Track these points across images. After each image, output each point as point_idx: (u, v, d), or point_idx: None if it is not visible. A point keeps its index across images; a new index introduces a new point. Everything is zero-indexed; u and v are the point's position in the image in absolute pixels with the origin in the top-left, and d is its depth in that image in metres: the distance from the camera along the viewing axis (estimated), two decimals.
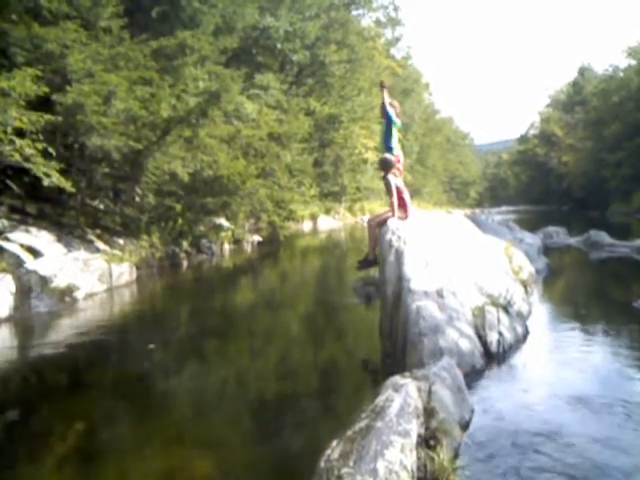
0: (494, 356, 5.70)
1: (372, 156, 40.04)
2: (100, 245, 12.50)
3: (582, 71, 76.64)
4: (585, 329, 7.07)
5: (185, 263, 14.87)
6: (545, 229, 18.48)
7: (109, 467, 3.94)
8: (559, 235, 17.92)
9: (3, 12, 11.47)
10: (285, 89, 28.10)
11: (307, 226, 30.64)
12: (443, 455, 3.31)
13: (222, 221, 18.69)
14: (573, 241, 17.19)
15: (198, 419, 4.79)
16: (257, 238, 20.62)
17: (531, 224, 24.03)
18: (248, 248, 19.38)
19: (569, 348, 6.13)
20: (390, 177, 7.45)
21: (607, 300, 9.42)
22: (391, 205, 7.42)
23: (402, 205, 7.48)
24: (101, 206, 15.16)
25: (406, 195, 7.56)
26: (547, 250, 14.49)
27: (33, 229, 11.04)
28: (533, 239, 14.29)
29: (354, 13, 41.29)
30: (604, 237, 16.11)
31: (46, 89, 10.19)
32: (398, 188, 7.45)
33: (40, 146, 9.90)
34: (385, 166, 7.56)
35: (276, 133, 20.80)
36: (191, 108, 14.17)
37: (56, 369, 6.19)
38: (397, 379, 3.97)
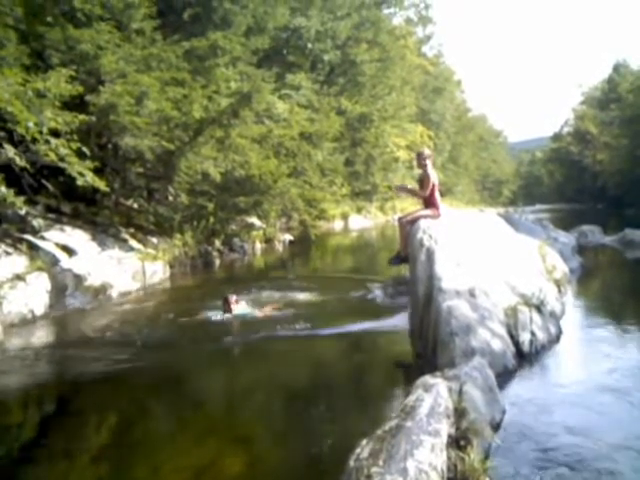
0: (526, 356, 5.64)
1: (403, 155, 39.90)
2: (134, 244, 12.64)
3: (617, 67, 75.33)
4: (619, 329, 6.95)
5: (217, 262, 14.98)
6: (579, 228, 18.15)
7: (142, 460, 3.99)
8: (594, 234, 17.58)
9: (39, 16, 11.70)
10: (316, 89, 28.09)
11: (338, 225, 30.62)
12: (474, 456, 3.29)
13: (254, 220, 18.79)
14: (608, 240, 16.88)
15: (231, 413, 4.82)
16: (288, 237, 20.67)
17: (565, 223, 23.67)
18: (279, 247, 19.45)
19: (603, 348, 6.03)
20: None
21: None
22: (420, 195, 7.54)
23: (433, 203, 7.45)
24: (135, 205, 15.38)
25: (437, 194, 7.52)
26: (581, 249, 14.25)
27: (68, 228, 11.22)
28: (567, 238, 14.07)
29: (385, 12, 41.21)
30: None
31: (80, 89, 10.34)
32: (433, 184, 7.47)
33: (74, 146, 10.03)
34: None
35: (307, 132, 20.82)
36: (223, 109, 14.27)
37: (89, 363, 6.27)
38: (428, 379, 3.95)
